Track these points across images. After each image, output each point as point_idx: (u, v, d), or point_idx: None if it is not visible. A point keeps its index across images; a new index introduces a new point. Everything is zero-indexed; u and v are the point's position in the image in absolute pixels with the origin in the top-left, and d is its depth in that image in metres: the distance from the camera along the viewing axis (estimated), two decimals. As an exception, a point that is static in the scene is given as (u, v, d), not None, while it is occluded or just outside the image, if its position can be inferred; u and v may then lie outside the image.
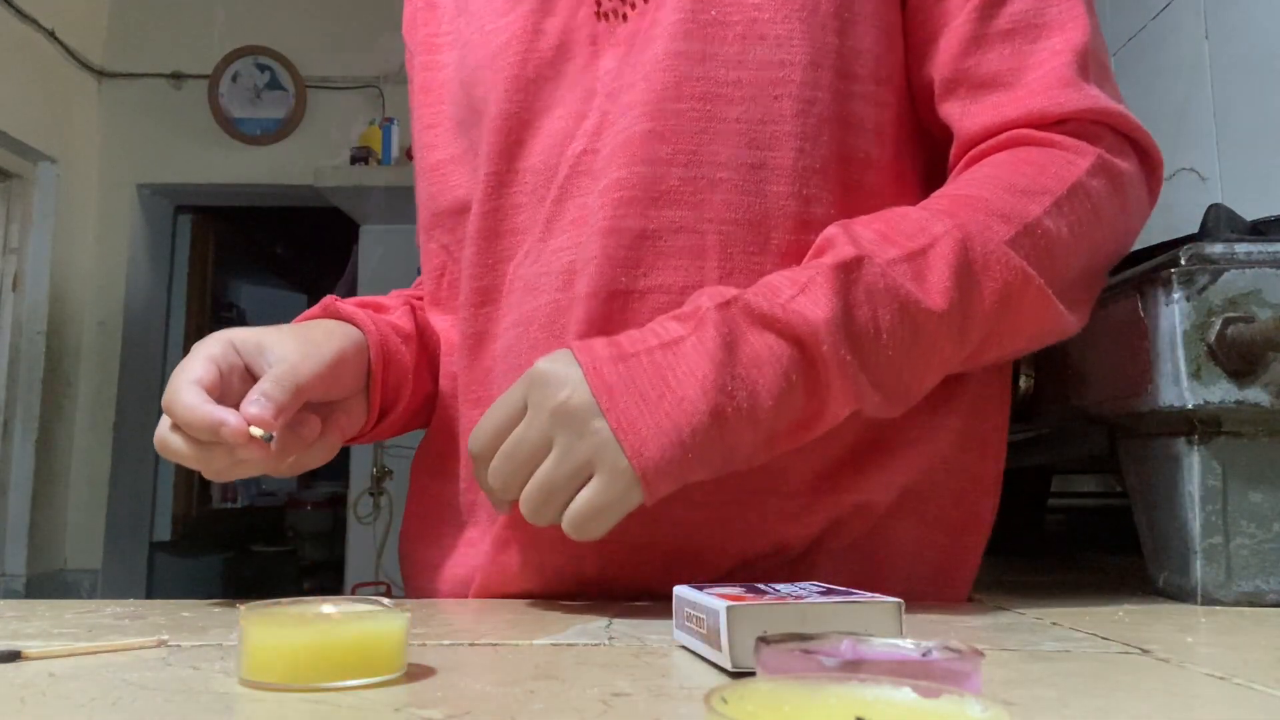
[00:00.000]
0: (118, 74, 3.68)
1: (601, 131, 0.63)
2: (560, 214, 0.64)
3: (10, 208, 3.33)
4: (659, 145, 0.61)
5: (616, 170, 0.61)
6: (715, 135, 0.61)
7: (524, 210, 0.66)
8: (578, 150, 0.64)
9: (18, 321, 3.29)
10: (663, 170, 0.61)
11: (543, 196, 0.65)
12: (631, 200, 0.61)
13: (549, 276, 0.63)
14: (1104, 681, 0.41)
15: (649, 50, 0.63)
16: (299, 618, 0.43)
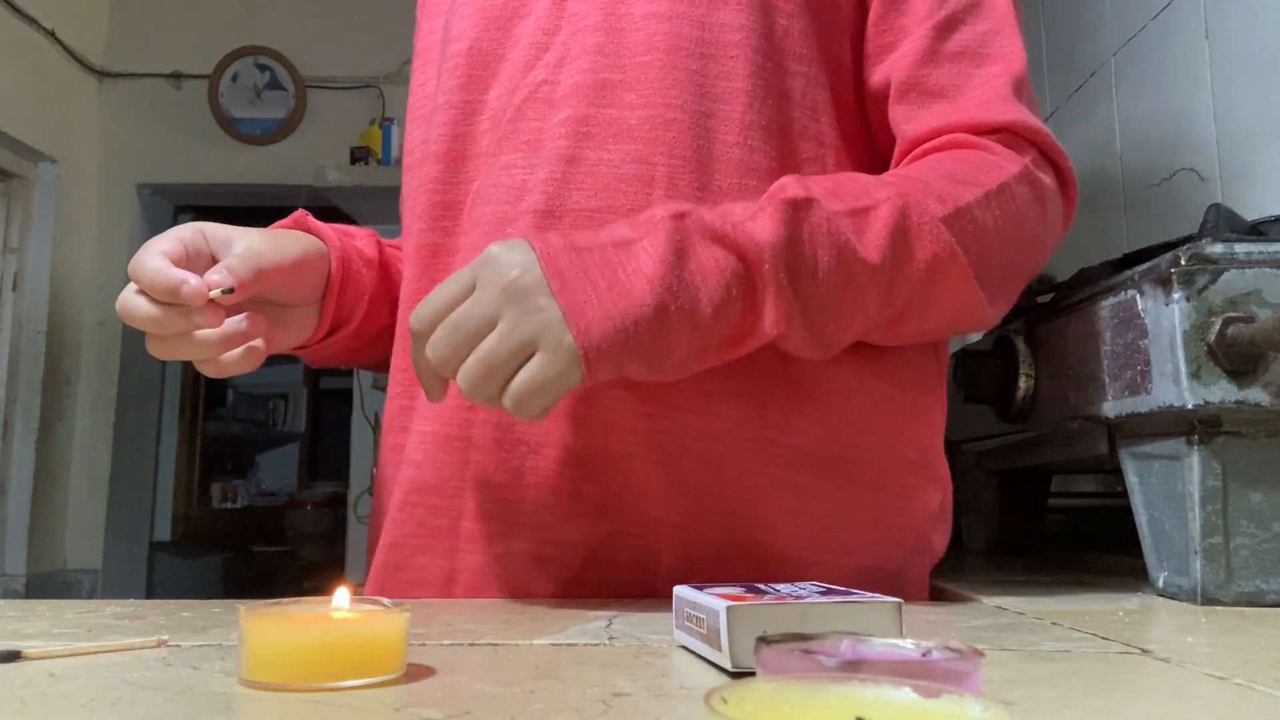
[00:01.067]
0: (118, 74, 3.68)
1: (563, 65, 0.69)
2: (514, 133, 0.69)
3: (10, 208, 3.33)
4: (625, 92, 0.67)
5: (581, 106, 0.67)
6: (674, 83, 0.67)
7: (486, 136, 0.71)
8: (537, 79, 0.69)
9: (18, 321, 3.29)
10: (625, 112, 0.67)
11: (499, 119, 0.70)
12: (593, 135, 0.67)
13: (498, 189, 0.68)
14: (1104, 681, 0.41)
15: (623, 6, 0.69)
16: (299, 618, 0.43)
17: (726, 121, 0.67)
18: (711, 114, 0.67)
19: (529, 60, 0.70)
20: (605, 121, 0.67)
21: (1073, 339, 0.73)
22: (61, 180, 3.41)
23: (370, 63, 3.44)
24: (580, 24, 0.70)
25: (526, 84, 0.70)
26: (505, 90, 0.71)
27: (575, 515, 0.66)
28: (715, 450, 0.65)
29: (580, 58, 0.68)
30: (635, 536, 0.66)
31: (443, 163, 0.72)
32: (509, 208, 0.67)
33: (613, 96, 0.67)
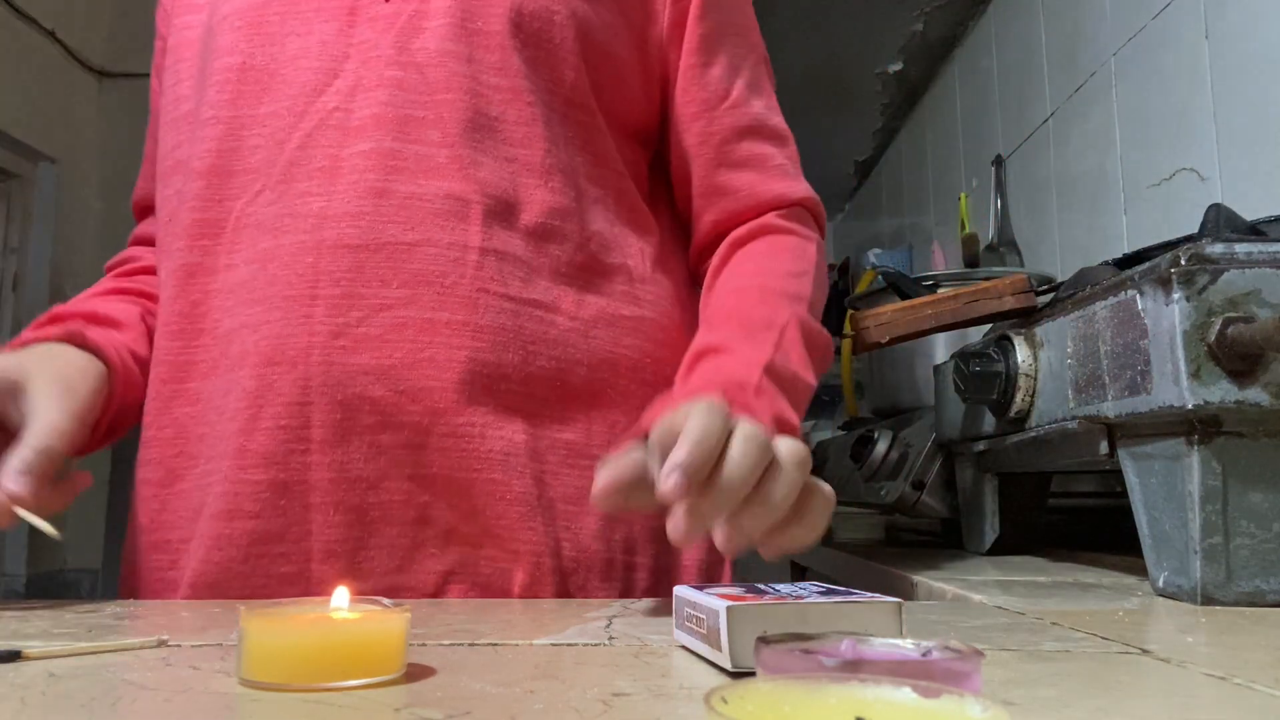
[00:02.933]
0: (118, 74, 3.68)
1: (356, 93, 0.69)
2: (305, 160, 0.68)
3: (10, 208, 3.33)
4: (429, 129, 0.69)
5: (385, 139, 0.68)
6: (478, 126, 0.70)
7: (260, 152, 0.70)
8: (329, 106, 0.69)
9: (18, 321, 3.29)
10: (432, 149, 0.69)
11: (283, 141, 0.69)
12: (401, 169, 0.68)
13: (294, 219, 0.67)
14: (1104, 681, 0.41)
15: (417, 40, 0.70)
16: (299, 618, 0.43)
17: (529, 166, 0.71)
18: (514, 158, 0.71)
19: (316, 85, 0.70)
20: (413, 156, 0.68)
21: (1073, 339, 0.73)
22: (61, 180, 3.41)
23: (370, 63, 3.44)
24: (371, 53, 0.70)
25: (316, 110, 0.69)
26: (286, 111, 0.70)
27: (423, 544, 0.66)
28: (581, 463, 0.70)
29: (377, 89, 0.69)
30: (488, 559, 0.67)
31: (205, 179, 0.71)
32: (308, 237, 0.66)
33: (417, 132, 0.69)
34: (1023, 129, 1.73)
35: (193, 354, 0.70)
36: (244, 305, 0.67)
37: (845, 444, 1.28)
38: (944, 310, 0.85)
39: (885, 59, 2.19)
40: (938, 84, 2.25)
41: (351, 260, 0.66)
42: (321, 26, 0.71)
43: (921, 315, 0.85)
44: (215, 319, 0.69)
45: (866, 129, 2.59)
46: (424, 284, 0.66)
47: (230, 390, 0.67)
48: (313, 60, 0.71)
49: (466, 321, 0.67)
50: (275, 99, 0.70)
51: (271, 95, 0.71)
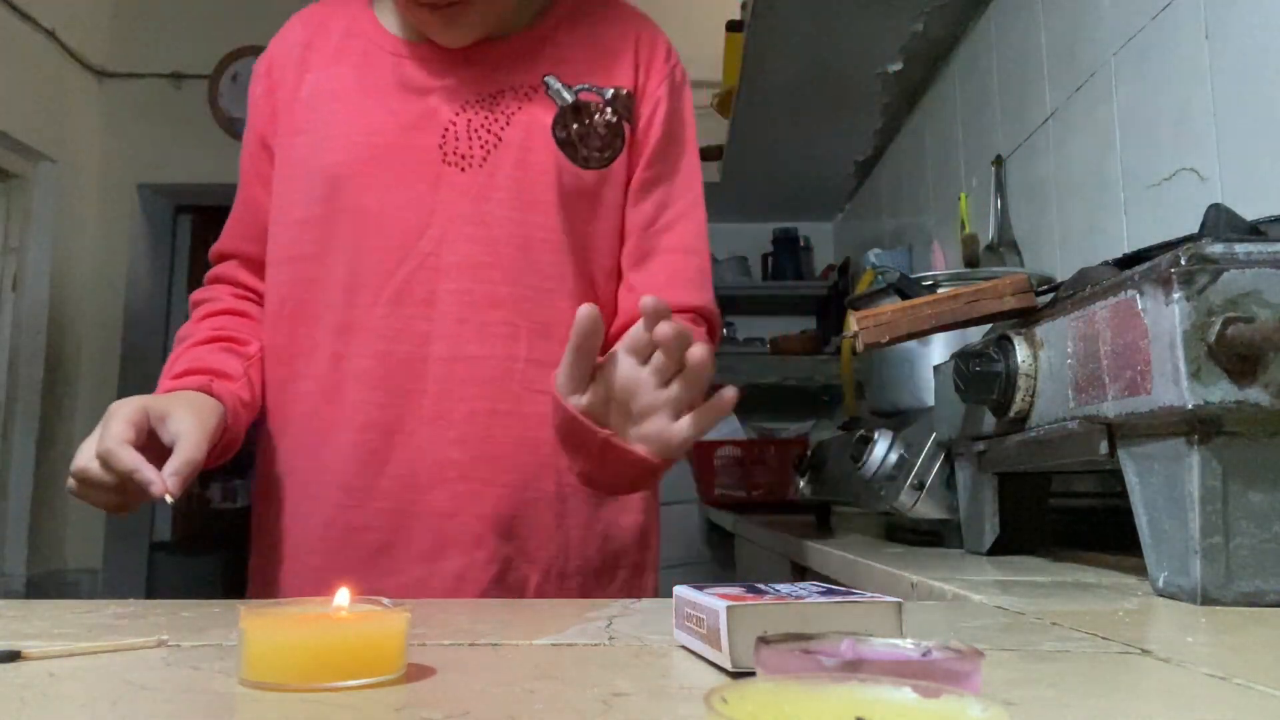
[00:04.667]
0: (118, 74, 3.68)
1: (444, 243, 0.94)
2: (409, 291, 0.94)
3: (10, 208, 3.33)
4: (493, 271, 0.94)
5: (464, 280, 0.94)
6: (530, 269, 0.95)
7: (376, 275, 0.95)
8: (425, 250, 0.94)
9: (18, 321, 3.29)
10: (495, 288, 0.94)
11: (392, 271, 0.94)
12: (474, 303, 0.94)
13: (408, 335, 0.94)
14: (1104, 681, 0.41)
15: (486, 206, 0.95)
16: (299, 618, 0.43)
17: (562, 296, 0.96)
18: (552, 290, 0.96)
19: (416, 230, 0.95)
20: (483, 294, 0.94)
21: (1073, 339, 0.73)
22: (61, 180, 3.41)
23: (370, 63, 3.43)
24: (454, 211, 0.95)
25: (415, 252, 0.94)
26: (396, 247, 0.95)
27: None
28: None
29: (458, 241, 0.94)
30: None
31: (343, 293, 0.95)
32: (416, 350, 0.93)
33: (484, 274, 0.94)
34: (1023, 129, 1.73)
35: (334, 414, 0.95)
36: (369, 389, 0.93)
37: (845, 444, 1.28)
38: (944, 310, 0.85)
39: (885, 59, 2.19)
40: (938, 84, 2.25)
41: (444, 368, 0.93)
42: (415, 185, 0.95)
43: (921, 315, 0.85)
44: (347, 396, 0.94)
45: (866, 129, 2.59)
46: (488, 383, 0.93)
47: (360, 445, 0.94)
48: (411, 212, 0.95)
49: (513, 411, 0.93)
50: (386, 236, 0.95)
51: (384, 234, 0.95)
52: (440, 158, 0.95)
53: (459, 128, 0.96)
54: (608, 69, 1.01)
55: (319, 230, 0.97)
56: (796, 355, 3.05)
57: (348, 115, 0.98)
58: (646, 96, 1.03)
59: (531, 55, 1.00)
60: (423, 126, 0.96)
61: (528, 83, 0.98)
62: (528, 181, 0.96)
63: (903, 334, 0.85)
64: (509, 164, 0.96)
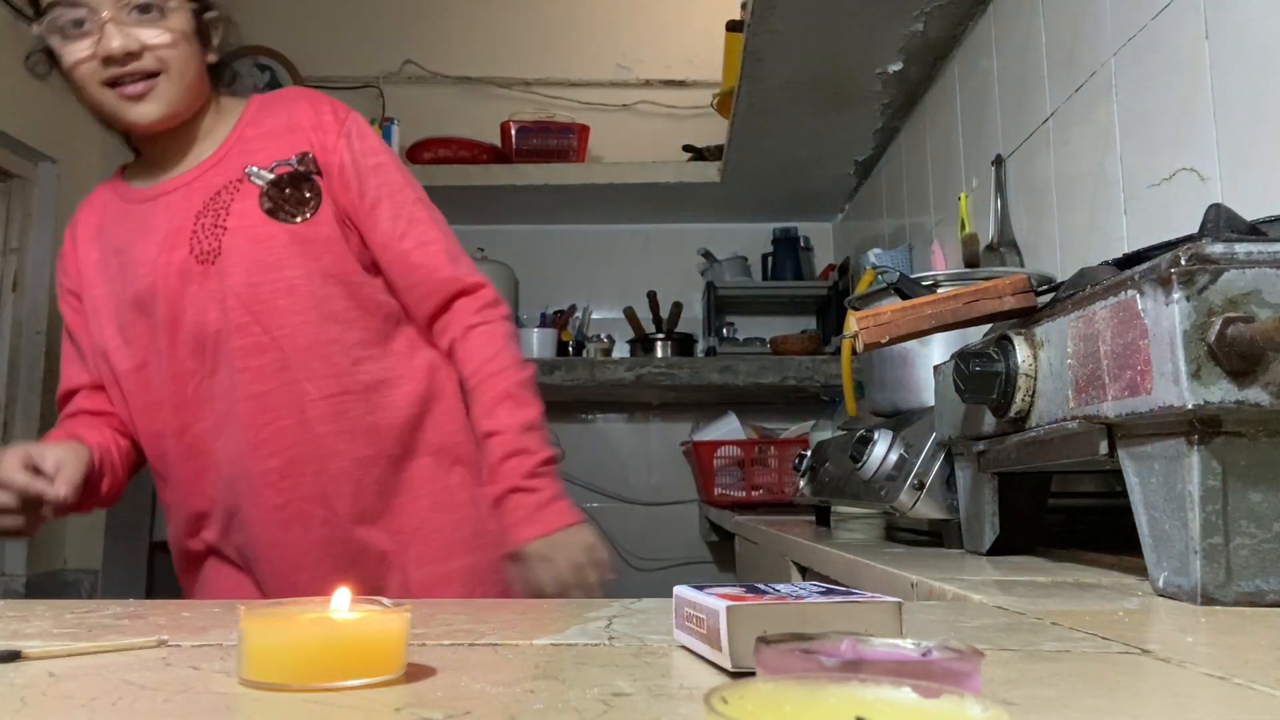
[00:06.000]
0: (118, 74, 3.67)
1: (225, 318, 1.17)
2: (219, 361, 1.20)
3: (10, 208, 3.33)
4: (254, 328, 1.18)
5: (234, 339, 1.18)
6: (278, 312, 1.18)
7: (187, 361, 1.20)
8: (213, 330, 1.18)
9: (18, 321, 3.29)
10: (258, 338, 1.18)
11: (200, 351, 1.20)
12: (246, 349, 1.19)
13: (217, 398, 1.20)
14: (1104, 681, 0.41)
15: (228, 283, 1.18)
16: (299, 618, 0.43)
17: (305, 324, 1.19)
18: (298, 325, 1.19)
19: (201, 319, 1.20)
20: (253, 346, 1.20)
21: (1073, 339, 0.73)
22: (61, 180, 3.41)
23: (370, 63, 3.44)
24: (222, 303, 1.19)
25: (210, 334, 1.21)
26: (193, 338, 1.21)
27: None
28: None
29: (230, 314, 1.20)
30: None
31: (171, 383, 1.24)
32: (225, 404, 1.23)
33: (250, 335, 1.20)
34: (1023, 129, 1.73)
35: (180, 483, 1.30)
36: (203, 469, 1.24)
37: (845, 444, 1.28)
38: (944, 310, 0.85)
39: (885, 59, 2.19)
40: (938, 84, 2.25)
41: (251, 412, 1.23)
42: (189, 287, 1.19)
43: (921, 315, 0.85)
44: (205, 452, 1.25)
45: (866, 129, 2.59)
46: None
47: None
48: (194, 309, 1.19)
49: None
50: (185, 332, 1.20)
51: (182, 332, 1.20)
52: (194, 258, 1.18)
53: (198, 233, 1.19)
54: (292, 145, 1.24)
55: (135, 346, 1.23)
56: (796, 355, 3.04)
57: (121, 264, 1.22)
58: (330, 149, 1.24)
59: (233, 158, 1.24)
60: (174, 247, 1.19)
61: (234, 178, 1.21)
62: (257, 250, 1.17)
63: (903, 334, 0.85)
64: (240, 246, 1.17)
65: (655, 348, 3.15)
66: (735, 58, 2.39)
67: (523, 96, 3.39)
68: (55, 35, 1.19)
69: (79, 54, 1.16)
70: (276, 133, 1.26)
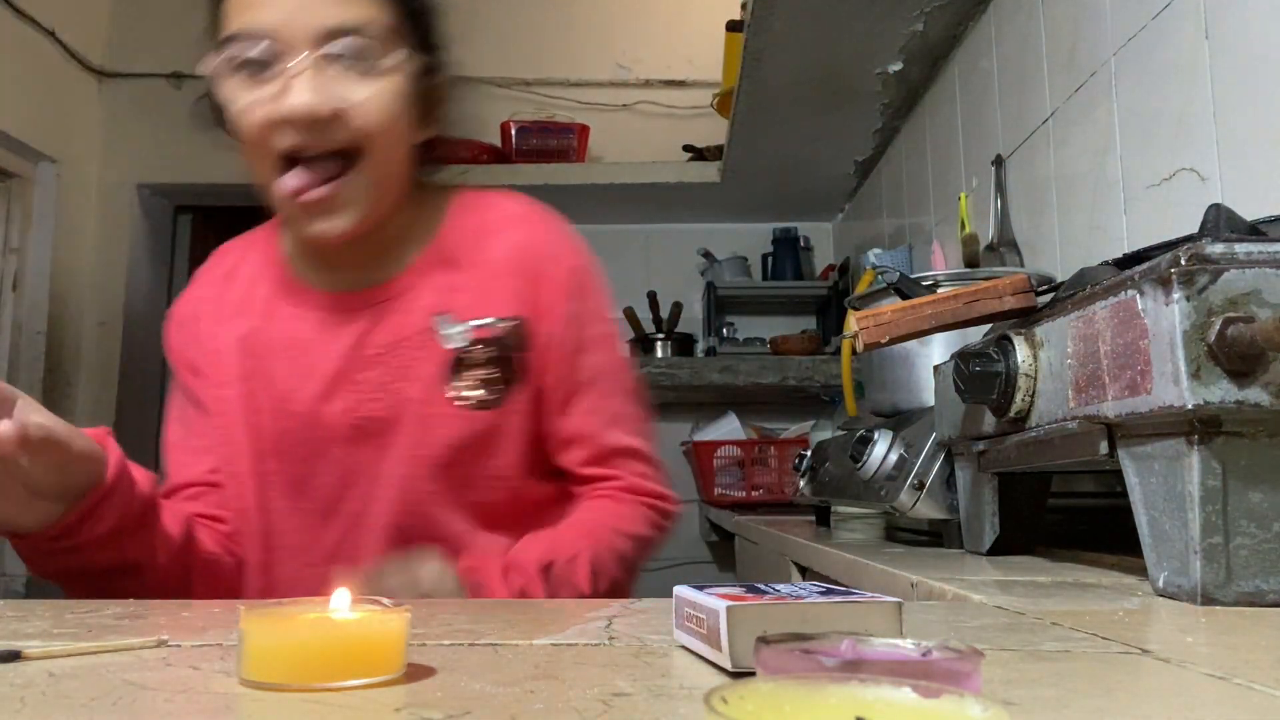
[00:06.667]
0: (118, 74, 3.68)
1: (369, 504, 0.99)
2: (342, 552, 1.00)
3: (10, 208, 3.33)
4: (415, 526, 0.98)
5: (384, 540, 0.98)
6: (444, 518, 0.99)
7: (298, 534, 1.01)
8: (352, 510, 1.00)
9: (18, 321, 3.29)
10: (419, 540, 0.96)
11: (319, 533, 1.00)
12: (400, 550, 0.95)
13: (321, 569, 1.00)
14: (1104, 681, 0.41)
15: (401, 468, 0.98)
16: (299, 618, 0.43)
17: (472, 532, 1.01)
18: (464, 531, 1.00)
19: (335, 494, 1.00)
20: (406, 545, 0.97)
21: (1073, 339, 0.73)
22: (61, 180, 3.41)
23: (370, 63, 3.43)
24: (372, 471, 1.00)
25: (344, 514, 1.01)
26: (318, 510, 1.02)
27: None
28: None
29: (376, 503, 0.99)
30: None
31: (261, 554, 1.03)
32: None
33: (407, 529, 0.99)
34: (1023, 129, 1.73)
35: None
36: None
37: (845, 444, 1.28)
38: (944, 310, 0.85)
39: (885, 59, 2.19)
40: (938, 84, 2.25)
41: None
42: (333, 449, 1.00)
43: (921, 315, 0.85)
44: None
45: (866, 129, 2.59)
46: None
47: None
48: (331, 476, 1.00)
49: None
50: (308, 500, 1.01)
51: (305, 498, 1.01)
52: (349, 422, 0.98)
53: (362, 387, 0.98)
54: (502, 299, 0.99)
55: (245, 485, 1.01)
56: (796, 355, 3.04)
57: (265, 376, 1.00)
58: (548, 312, 0.99)
59: (423, 292, 0.99)
60: (333, 394, 0.98)
61: (423, 325, 0.98)
62: (430, 438, 0.97)
63: (903, 334, 0.85)
64: (410, 418, 0.97)
65: (655, 348, 3.16)
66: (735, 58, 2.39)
67: (522, 96, 3.39)
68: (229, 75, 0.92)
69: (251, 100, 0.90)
70: (485, 271, 0.99)
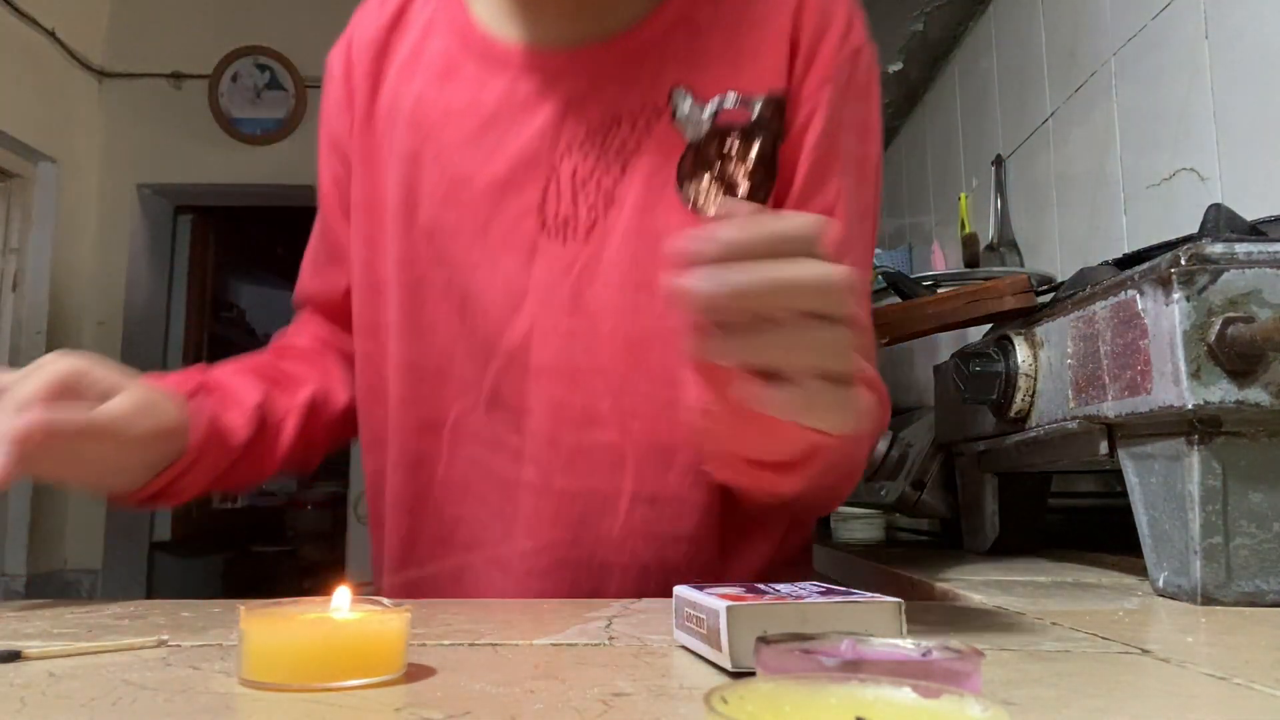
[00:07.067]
0: (118, 74, 3.68)
1: (532, 336, 0.74)
2: (500, 395, 0.75)
3: (10, 208, 3.33)
4: (595, 379, 0.73)
5: (555, 388, 0.74)
6: (640, 375, 0.73)
7: (464, 370, 0.77)
8: (512, 345, 0.75)
9: (18, 321, 3.29)
10: (596, 399, 0.73)
11: (482, 367, 0.76)
12: (568, 420, 0.74)
13: (498, 447, 0.76)
14: (1104, 681, 0.41)
15: (590, 290, 0.73)
16: (299, 618, 0.43)
17: (685, 406, 0.67)
18: (672, 401, 0.71)
19: (501, 318, 0.75)
20: (579, 407, 0.73)
21: (1073, 339, 0.73)
22: (61, 180, 3.41)
23: (370, 63, 3.44)
24: (548, 296, 0.74)
25: (503, 345, 0.75)
26: (481, 338, 0.76)
27: None
28: None
29: (552, 336, 0.74)
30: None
31: (418, 383, 0.78)
32: (508, 471, 0.75)
33: (585, 382, 0.73)
34: (1023, 129, 1.73)
35: (420, 528, 0.79)
36: (462, 502, 0.77)
37: (845, 444, 1.28)
38: (944, 310, 0.85)
39: (885, 59, 2.19)
40: (938, 84, 2.25)
41: (534, 502, 0.74)
42: (506, 258, 0.75)
43: (921, 315, 0.85)
44: (439, 505, 0.79)
45: (866, 129, 2.60)
46: (584, 527, 0.74)
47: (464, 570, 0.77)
48: (499, 293, 0.75)
49: (615, 563, 0.74)
50: (469, 321, 0.76)
51: (466, 317, 0.76)
52: (539, 223, 0.75)
53: (563, 180, 0.74)
54: (754, 55, 0.73)
55: (391, 300, 0.79)
56: (796, 355, 3.04)
57: (433, 154, 0.78)
58: (804, 97, 0.74)
59: (656, 54, 0.74)
60: (521, 179, 0.75)
61: (651, 101, 0.74)
62: (643, 254, 0.73)
63: (903, 334, 0.85)
64: (620, 231, 0.73)
65: (655, 348, 3.15)
66: (735, 58, 2.39)
67: None
68: None
69: None
70: (736, 29, 0.74)
